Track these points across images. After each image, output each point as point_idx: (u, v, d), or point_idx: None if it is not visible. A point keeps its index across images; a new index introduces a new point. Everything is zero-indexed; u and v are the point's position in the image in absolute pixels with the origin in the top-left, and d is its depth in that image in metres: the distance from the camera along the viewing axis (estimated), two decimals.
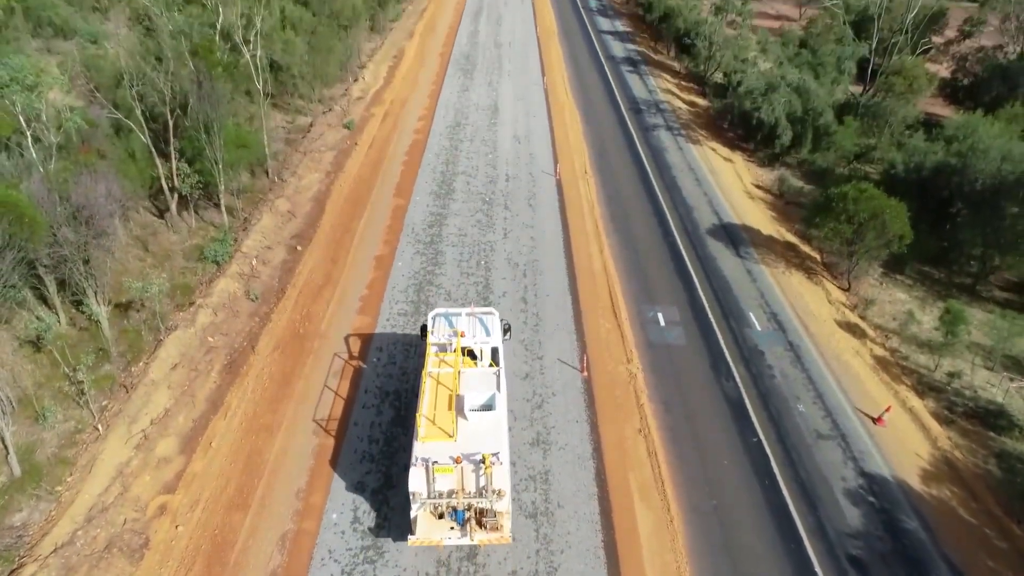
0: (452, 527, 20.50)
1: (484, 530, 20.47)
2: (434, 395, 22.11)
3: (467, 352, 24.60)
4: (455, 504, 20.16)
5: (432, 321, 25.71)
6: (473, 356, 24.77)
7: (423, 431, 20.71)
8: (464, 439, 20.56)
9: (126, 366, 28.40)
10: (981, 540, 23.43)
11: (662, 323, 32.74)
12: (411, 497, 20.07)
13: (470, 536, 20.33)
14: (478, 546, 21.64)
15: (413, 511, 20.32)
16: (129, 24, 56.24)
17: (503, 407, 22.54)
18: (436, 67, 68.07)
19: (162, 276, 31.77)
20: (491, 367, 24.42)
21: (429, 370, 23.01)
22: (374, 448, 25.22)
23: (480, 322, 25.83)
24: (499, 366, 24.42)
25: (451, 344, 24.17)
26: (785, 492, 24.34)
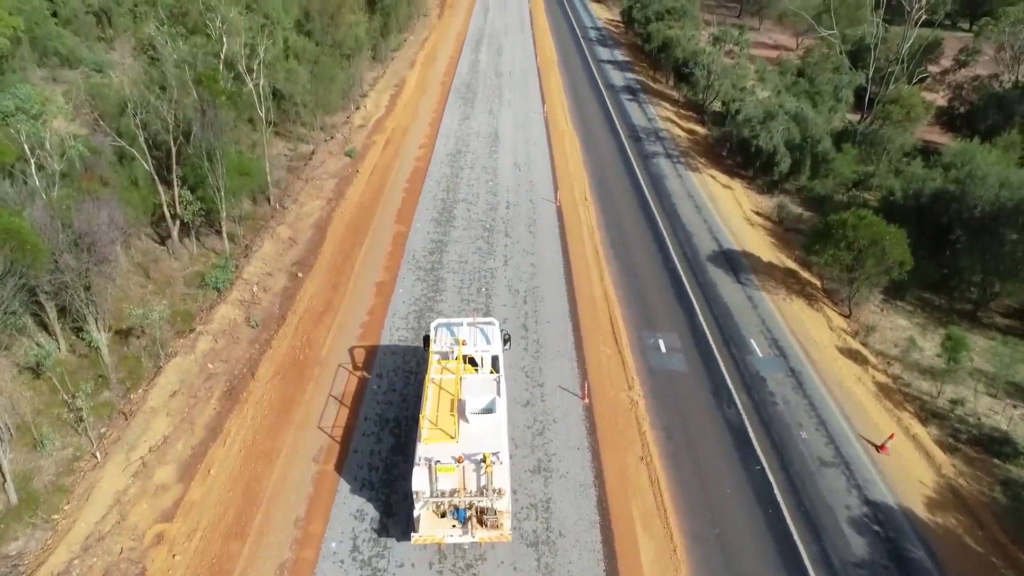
0: (454, 525, 21.01)
1: (485, 528, 21.01)
2: (436, 399, 22.69)
3: (468, 360, 25.15)
4: (457, 503, 20.76)
5: (434, 331, 26.38)
6: (474, 364, 25.26)
7: (426, 432, 21.24)
8: (465, 440, 21.19)
9: (125, 393, 28.31)
10: (988, 569, 23.13)
11: (663, 349, 32.67)
12: (414, 496, 20.66)
13: (471, 533, 20.86)
14: (477, 559, 21.61)
15: (416, 510, 20.88)
16: (134, 54, 56.87)
17: (503, 411, 23.11)
18: (437, 96, 68.71)
19: (163, 303, 31.77)
20: (491, 374, 24.90)
21: (432, 376, 23.57)
22: (374, 476, 25.02)
23: (481, 331, 26.43)
24: (499, 373, 24.92)
25: (453, 352, 24.79)
26: (789, 520, 24.09)
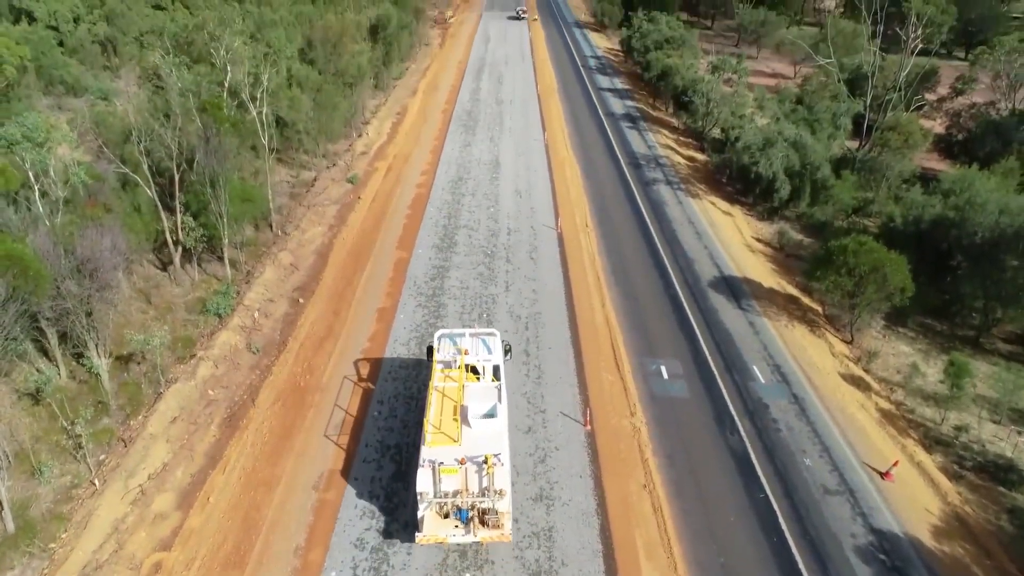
0: (456, 525, 21.65)
1: (486, 528, 21.67)
2: (440, 406, 23.35)
3: (470, 369, 25.78)
4: (459, 503, 21.51)
5: (438, 341, 27.07)
6: (476, 372, 25.88)
7: (430, 436, 21.86)
8: (468, 444, 21.78)
9: (125, 419, 28.17)
10: None
11: (665, 376, 32.55)
12: (418, 497, 21.41)
13: (473, 533, 21.49)
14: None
15: (420, 511, 21.63)
16: (139, 82, 57.52)
17: (504, 416, 23.62)
18: (439, 123, 69.27)
19: (164, 328, 31.73)
20: (493, 382, 25.44)
21: (435, 384, 24.25)
22: (374, 504, 24.78)
23: (483, 342, 27.22)
24: (500, 381, 25.51)
25: (455, 361, 25.45)
26: (794, 549, 23.81)
